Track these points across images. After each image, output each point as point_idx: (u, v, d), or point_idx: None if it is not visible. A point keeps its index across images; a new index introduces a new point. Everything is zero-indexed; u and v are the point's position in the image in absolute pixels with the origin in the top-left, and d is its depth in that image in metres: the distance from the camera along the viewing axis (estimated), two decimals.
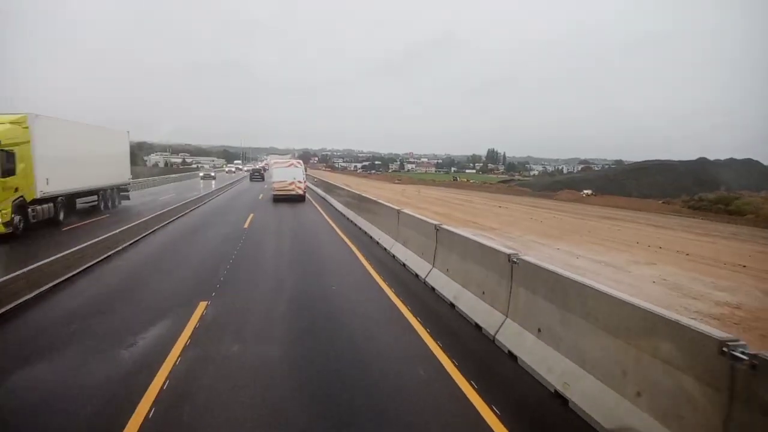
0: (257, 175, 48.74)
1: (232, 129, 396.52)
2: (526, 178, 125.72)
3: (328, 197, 24.33)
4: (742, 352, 2.51)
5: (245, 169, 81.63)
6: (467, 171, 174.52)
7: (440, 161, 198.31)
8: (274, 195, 23.63)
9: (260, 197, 25.93)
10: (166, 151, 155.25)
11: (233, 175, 67.21)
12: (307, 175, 29.46)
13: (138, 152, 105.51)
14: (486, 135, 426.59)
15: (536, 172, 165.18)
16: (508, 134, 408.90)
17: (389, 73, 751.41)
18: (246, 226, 14.31)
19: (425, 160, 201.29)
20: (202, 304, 6.31)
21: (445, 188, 67.36)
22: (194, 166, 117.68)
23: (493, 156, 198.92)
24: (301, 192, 23.65)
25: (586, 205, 38.79)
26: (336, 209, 20.15)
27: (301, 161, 27.45)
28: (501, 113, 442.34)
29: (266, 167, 59.84)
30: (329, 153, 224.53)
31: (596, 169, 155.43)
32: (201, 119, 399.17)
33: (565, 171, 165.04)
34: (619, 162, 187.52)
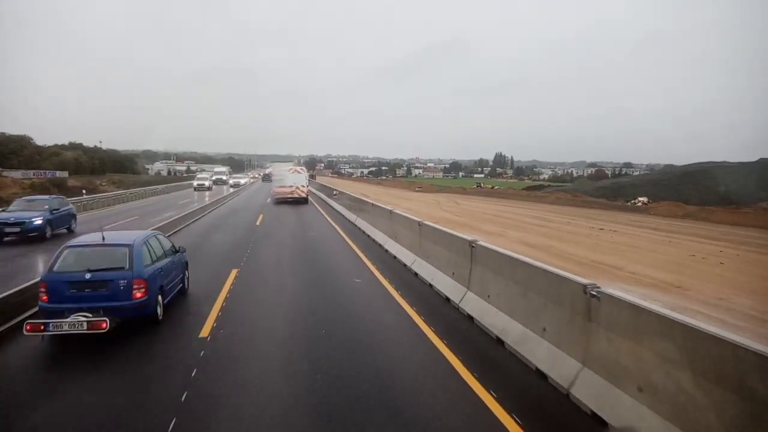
0: (268, 178, 54.80)
1: (238, 137, 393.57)
2: (565, 184, 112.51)
3: (353, 216, 18.05)
4: None
5: (232, 181, 52.37)
6: (475, 176, 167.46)
7: (447, 166, 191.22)
8: (277, 199, 25.48)
9: (258, 222, 17.50)
10: (170, 159, 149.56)
11: (207, 195, 33.98)
12: (316, 182, 33.10)
13: (138, 159, 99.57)
14: (491, 139, 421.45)
15: (546, 176, 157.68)
16: (512, 138, 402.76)
17: (394, 80, 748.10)
18: (209, 324, 5.80)
19: (431, 165, 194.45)
20: None
21: (482, 198, 53.55)
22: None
23: (500, 160, 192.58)
24: (303, 195, 25.69)
25: (706, 224, 26.94)
26: (365, 233, 14.18)
27: (304, 167, 29.93)
28: (505, 118, 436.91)
29: (271, 174, 55.18)
30: (335, 159, 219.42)
31: (608, 172, 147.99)
32: (208, 127, 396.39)
33: (575, 174, 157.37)
34: (628, 164, 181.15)
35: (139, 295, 5.32)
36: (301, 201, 25.55)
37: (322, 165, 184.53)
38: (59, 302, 5.13)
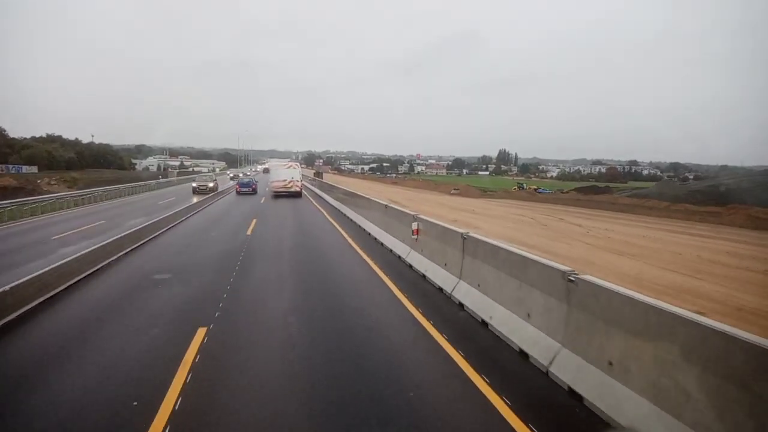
0: (267, 171, 58.94)
1: (235, 132, 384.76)
2: (640, 184, 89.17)
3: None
4: None
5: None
6: (480, 173, 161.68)
7: (449, 163, 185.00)
8: (275, 192, 28.30)
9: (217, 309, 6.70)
10: (163, 154, 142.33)
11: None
12: (325, 181, 35.51)
13: (124, 154, 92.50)
14: (491, 136, 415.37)
15: (553, 174, 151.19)
16: (513, 135, 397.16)
17: (394, 77, 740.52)
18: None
19: (433, 161, 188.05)
20: None
21: (572, 209, 40.28)
22: (190, 169, 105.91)
23: (504, 157, 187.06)
24: (297, 189, 28.56)
25: None
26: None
27: (297, 163, 33.10)
28: (506, 115, 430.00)
29: (268, 169, 59.64)
30: (333, 155, 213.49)
31: (620, 170, 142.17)
32: (205, 123, 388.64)
33: (583, 172, 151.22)
34: (634, 162, 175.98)
35: (254, 187, 32.69)
36: (295, 195, 28.32)
37: (321, 161, 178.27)
38: (241, 187, 32.10)
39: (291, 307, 6.53)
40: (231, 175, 62.83)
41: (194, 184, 33.93)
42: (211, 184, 33.48)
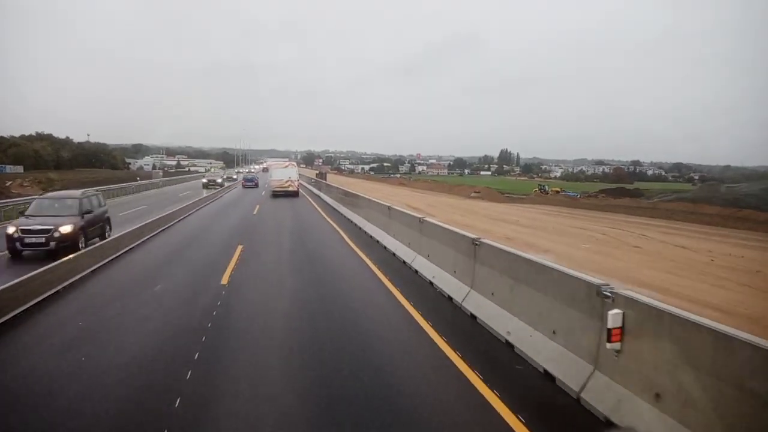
0: (266, 170, 60.96)
1: (234, 132, 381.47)
2: (667, 190, 75.19)
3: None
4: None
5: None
6: (482, 173, 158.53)
7: (450, 163, 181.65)
8: (273, 191, 29.16)
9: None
10: (160, 153, 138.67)
11: None
12: (329, 183, 34.16)
13: (116, 153, 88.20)
14: (491, 136, 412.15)
15: (557, 174, 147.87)
16: (514, 135, 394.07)
17: (393, 77, 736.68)
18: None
19: (434, 161, 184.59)
20: None
21: (615, 216, 33.63)
22: (187, 169, 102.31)
23: (506, 157, 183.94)
24: (294, 189, 29.28)
25: None
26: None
27: (294, 164, 35.42)
28: (506, 114, 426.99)
29: (267, 168, 61.37)
30: (333, 155, 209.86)
31: (627, 171, 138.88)
32: (205, 123, 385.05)
33: (587, 172, 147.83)
34: (637, 162, 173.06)
35: (256, 182, 41.97)
36: (292, 194, 28.95)
37: (321, 160, 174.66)
38: (246, 182, 41.66)
39: None
40: (205, 181, 44.45)
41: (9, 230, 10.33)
42: (60, 231, 10.09)
